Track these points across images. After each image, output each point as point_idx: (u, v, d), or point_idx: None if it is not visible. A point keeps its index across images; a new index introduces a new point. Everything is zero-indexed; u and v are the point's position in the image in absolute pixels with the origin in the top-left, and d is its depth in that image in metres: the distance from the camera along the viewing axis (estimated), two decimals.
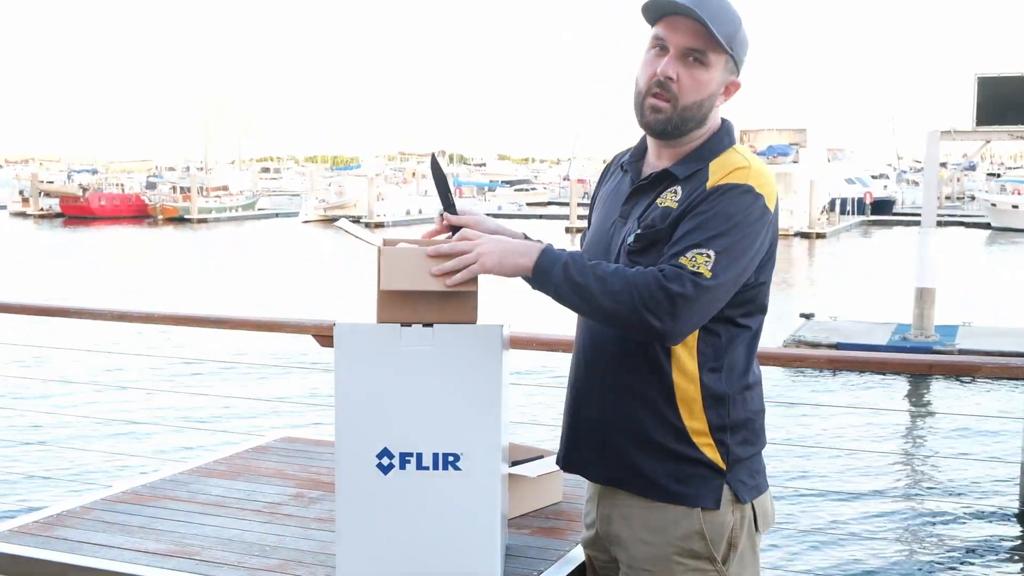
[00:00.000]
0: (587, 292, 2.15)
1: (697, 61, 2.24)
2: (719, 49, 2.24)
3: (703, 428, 2.25)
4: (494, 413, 2.53)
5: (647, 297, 2.09)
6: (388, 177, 67.34)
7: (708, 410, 2.25)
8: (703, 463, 2.25)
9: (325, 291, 27.34)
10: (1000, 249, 42.39)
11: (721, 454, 2.26)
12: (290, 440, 4.45)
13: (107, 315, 5.77)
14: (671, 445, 2.26)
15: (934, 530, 10.06)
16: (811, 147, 50.68)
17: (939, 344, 17.24)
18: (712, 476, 2.26)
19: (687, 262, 2.11)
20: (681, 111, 2.26)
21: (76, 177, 70.97)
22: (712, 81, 2.27)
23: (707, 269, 2.10)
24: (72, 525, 3.30)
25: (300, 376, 15.33)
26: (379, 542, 2.59)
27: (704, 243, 2.13)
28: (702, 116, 2.28)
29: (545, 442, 3.65)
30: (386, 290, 2.46)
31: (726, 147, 2.30)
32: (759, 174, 2.24)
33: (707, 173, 2.23)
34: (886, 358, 5.28)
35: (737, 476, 2.28)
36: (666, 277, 2.10)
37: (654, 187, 2.31)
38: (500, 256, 2.25)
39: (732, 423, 2.27)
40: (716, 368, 2.25)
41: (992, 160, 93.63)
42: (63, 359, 17.09)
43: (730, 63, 2.28)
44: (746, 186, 2.19)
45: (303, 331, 4.83)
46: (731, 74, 2.31)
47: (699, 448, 2.25)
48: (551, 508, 3.43)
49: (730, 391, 2.27)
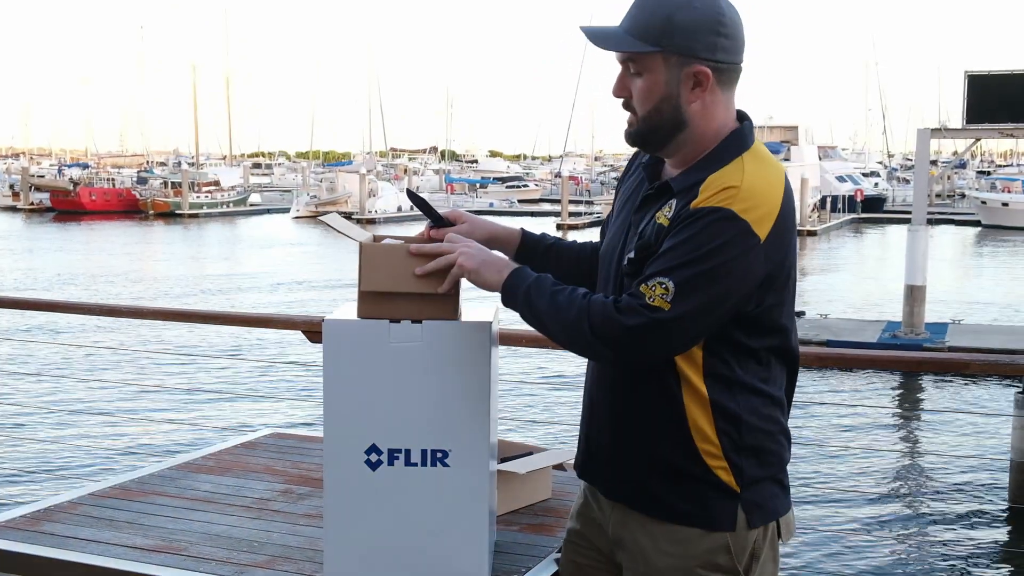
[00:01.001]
0: (545, 318, 2.18)
1: (635, 72, 2.19)
2: (647, 52, 2.14)
3: (716, 451, 2.19)
4: (483, 409, 2.52)
5: (599, 328, 2.09)
6: (380, 173, 67.25)
7: (720, 434, 2.19)
8: (717, 486, 2.20)
9: (315, 287, 27.32)
10: (990, 247, 42.48)
11: (735, 476, 2.20)
12: (279, 436, 4.45)
13: (96, 309, 5.77)
14: (685, 468, 2.21)
15: (923, 527, 10.08)
16: (802, 144, 50.72)
17: (929, 342, 17.27)
18: (726, 499, 2.20)
19: (646, 291, 2.07)
20: (643, 122, 2.20)
21: (67, 171, 70.78)
22: (657, 84, 2.16)
23: (664, 301, 2.04)
24: (59, 520, 3.29)
25: (289, 372, 15.32)
26: (367, 538, 2.59)
27: (667, 272, 2.06)
28: (673, 119, 2.18)
29: (534, 438, 3.65)
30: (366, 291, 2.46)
31: (733, 156, 2.16)
32: (750, 193, 2.08)
33: (698, 190, 2.11)
34: (876, 355, 5.30)
35: (752, 499, 2.22)
36: (619, 310, 2.07)
37: (658, 198, 2.23)
38: (478, 265, 2.28)
39: (746, 445, 2.21)
40: (728, 390, 2.19)
41: (982, 158, 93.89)
42: (51, 353, 17.05)
43: (675, 57, 2.14)
44: (727, 212, 2.06)
45: (292, 327, 4.84)
46: (685, 66, 2.14)
47: (712, 471, 2.20)
48: (540, 505, 3.43)
49: (743, 413, 2.20)
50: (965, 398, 15.28)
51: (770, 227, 2.09)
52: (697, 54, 2.14)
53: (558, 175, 71.29)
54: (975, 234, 47.81)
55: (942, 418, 14.10)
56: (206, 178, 63.52)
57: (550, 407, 13.58)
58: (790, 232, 2.17)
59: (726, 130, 2.20)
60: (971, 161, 77.05)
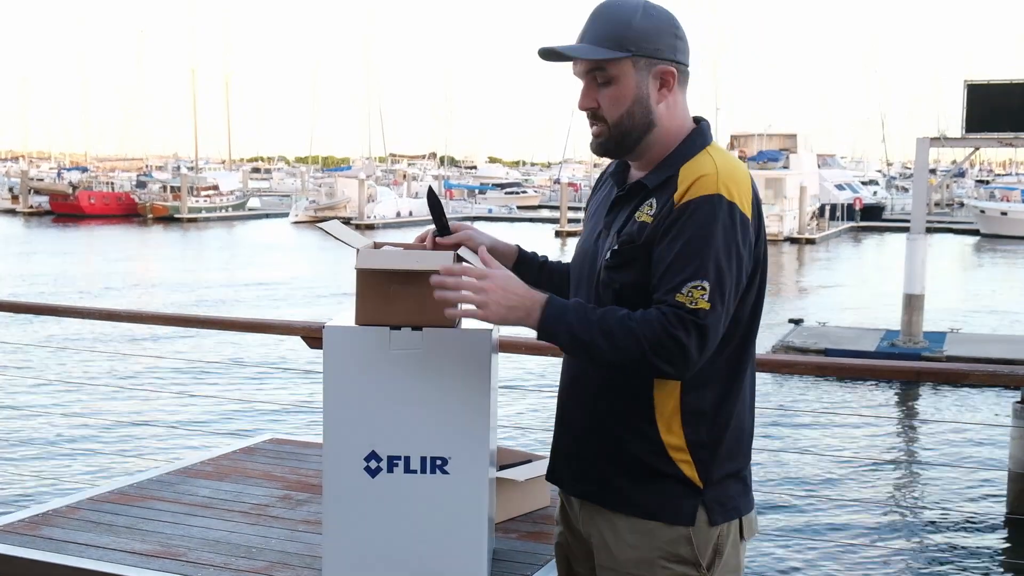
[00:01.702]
0: (595, 350, 2.14)
1: (603, 82, 2.23)
2: (615, 58, 2.20)
3: (680, 444, 2.22)
4: (482, 417, 2.53)
5: (656, 346, 2.09)
6: (379, 179, 67.26)
7: (686, 426, 2.22)
8: (679, 480, 2.23)
9: (314, 292, 27.32)
10: (989, 256, 42.51)
11: (699, 472, 2.23)
12: (278, 442, 4.45)
13: (95, 314, 5.77)
14: (648, 460, 2.23)
15: (922, 536, 10.08)
16: (801, 153, 50.76)
17: (927, 351, 17.28)
18: (688, 494, 2.23)
19: (684, 299, 2.09)
20: (614, 127, 2.24)
21: (66, 175, 70.79)
22: (627, 88, 2.21)
23: (705, 302, 2.09)
24: (58, 524, 3.29)
25: (289, 378, 15.31)
26: (366, 545, 2.59)
27: (694, 274, 2.10)
28: (643, 122, 2.23)
29: (533, 446, 3.65)
30: (362, 277, 2.46)
31: (698, 149, 2.23)
32: (728, 177, 2.16)
33: (676, 182, 2.18)
34: (874, 365, 5.30)
35: (715, 496, 2.25)
36: (670, 323, 2.09)
37: (631, 199, 2.28)
38: (505, 312, 2.20)
39: (711, 440, 2.24)
40: (697, 384, 2.22)
41: (981, 167, 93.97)
42: (50, 358, 17.04)
43: (642, 60, 2.20)
44: (716, 196, 2.13)
45: (292, 332, 4.83)
46: (652, 67, 2.21)
47: (676, 464, 2.22)
48: (539, 512, 3.43)
49: (709, 408, 2.23)
50: (963, 408, 15.28)
51: (751, 209, 2.19)
52: (662, 55, 2.22)
53: (557, 181, 71.36)
54: (974, 243, 47.86)
55: (940, 428, 14.09)
56: (205, 182, 63.55)
57: (549, 415, 13.57)
58: (762, 221, 2.25)
59: (685, 129, 2.28)
60: (970, 170, 77.10)
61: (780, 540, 9.20)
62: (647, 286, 2.17)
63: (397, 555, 2.58)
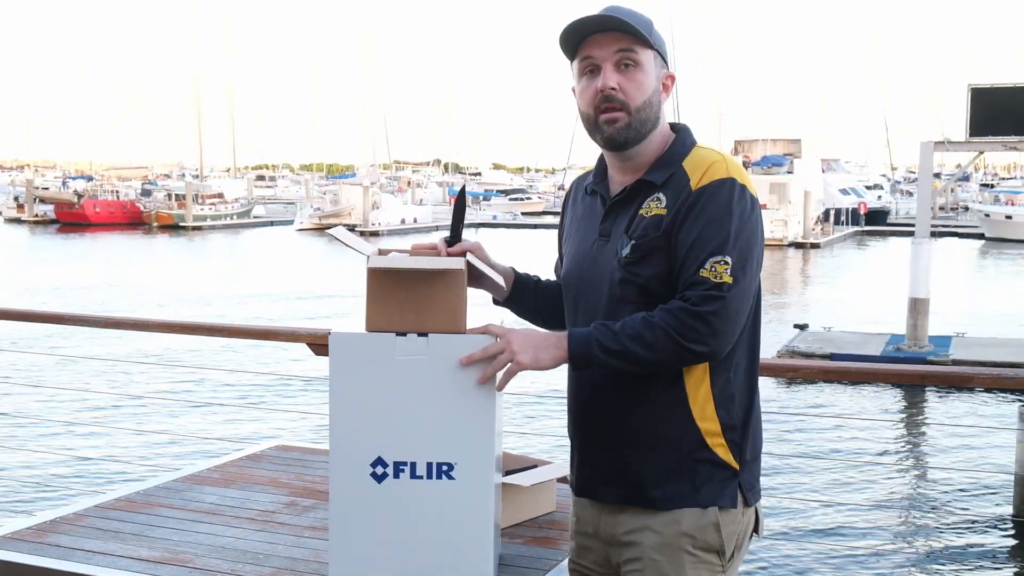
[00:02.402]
0: (631, 356, 2.19)
1: (631, 65, 2.29)
2: (646, 45, 2.30)
3: (716, 429, 2.27)
4: (488, 422, 2.53)
5: (685, 331, 2.15)
6: (383, 186, 67.31)
7: (719, 409, 2.27)
8: (717, 464, 2.27)
9: (320, 299, 27.33)
10: (994, 260, 42.45)
11: (734, 454, 2.28)
12: (284, 448, 4.46)
13: (101, 322, 5.78)
14: (685, 448, 2.26)
15: (928, 540, 10.07)
16: (805, 157, 50.75)
17: (933, 355, 17.24)
18: (727, 476, 2.28)
19: (709, 275, 2.16)
20: (636, 114, 2.30)
21: (71, 183, 70.91)
22: (649, 77, 2.31)
23: (728, 276, 2.16)
24: (65, 531, 3.30)
25: (295, 385, 15.32)
26: (372, 551, 2.59)
27: (718, 249, 2.17)
28: (655, 116, 2.32)
29: (539, 452, 3.65)
30: (373, 276, 2.47)
31: (691, 147, 2.33)
32: (734, 165, 2.27)
33: (685, 174, 2.26)
34: (879, 369, 5.30)
35: (747, 477, 2.31)
36: (694, 304, 2.15)
37: (632, 199, 2.32)
38: (535, 352, 2.28)
39: (741, 421, 2.30)
40: (726, 367, 2.27)
41: (986, 171, 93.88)
42: (57, 365, 17.06)
43: (658, 58, 2.34)
44: (729, 180, 2.23)
45: (298, 339, 4.84)
46: (662, 68, 2.35)
47: (712, 449, 2.27)
48: (544, 518, 3.44)
49: (736, 390, 2.29)
50: (969, 412, 15.26)
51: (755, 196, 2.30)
52: (667, 60, 2.38)
53: (561, 187, 71.40)
54: (979, 247, 47.79)
55: (946, 431, 14.08)
56: (210, 190, 63.65)
57: (555, 420, 13.56)
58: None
59: (669, 134, 2.38)
60: (974, 174, 77.04)
61: (785, 542, 9.19)
62: (671, 275, 2.22)
63: (403, 561, 2.59)
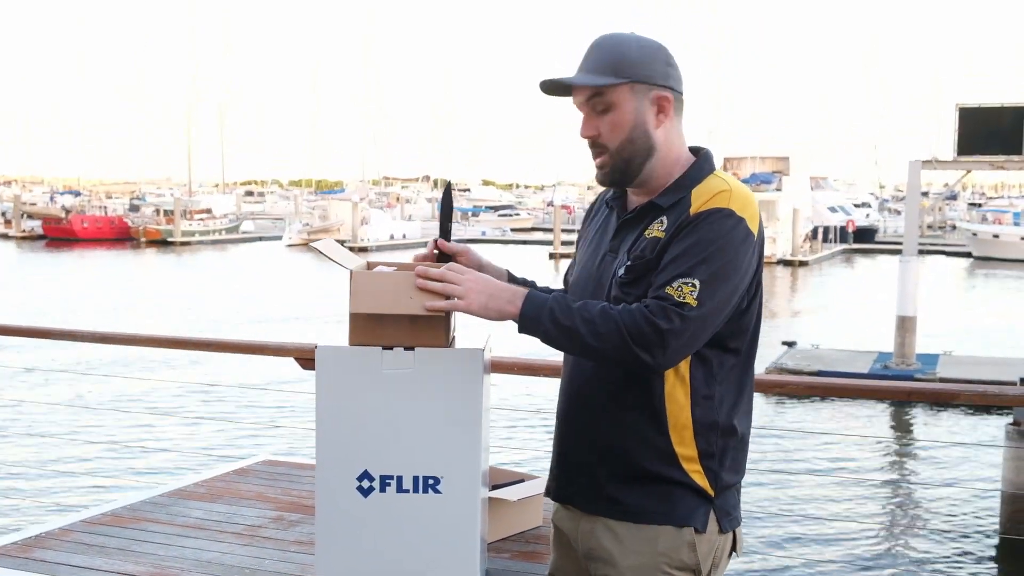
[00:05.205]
0: (575, 335, 2.18)
1: (602, 110, 2.29)
2: (613, 85, 2.26)
3: (692, 455, 2.26)
4: (474, 437, 2.53)
5: (635, 334, 2.13)
6: (372, 201, 67.31)
7: (698, 436, 2.26)
8: (692, 488, 2.27)
9: (308, 314, 27.29)
10: (981, 278, 42.62)
11: (709, 480, 2.27)
12: (271, 463, 4.45)
13: (90, 336, 5.77)
14: (661, 471, 2.26)
15: (914, 558, 10.07)
16: (794, 175, 50.91)
17: (920, 372, 17.30)
18: (700, 502, 2.27)
19: (673, 292, 2.15)
20: (617, 154, 2.30)
21: (59, 199, 70.77)
22: (626, 114, 2.28)
23: (692, 298, 2.14)
24: (51, 547, 3.29)
25: (281, 399, 15.29)
26: (358, 565, 2.59)
27: (688, 272, 2.15)
28: (646, 146, 2.30)
29: (525, 466, 3.65)
30: (356, 313, 2.47)
31: (707, 174, 2.30)
32: (740, 197, 2.24)
33: (689, 200, 2.24)
34: (866, 385, 5.32)
35: (722, 504, 2.30)
36: (652, 312, 2.13)
37: (641, 219, 2.33)
38: (487, 299, 2.27)
39: (721, 450, 2.29)
40: (708, 396, 2.27)
41: (973, 190, 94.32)
42: (43, 380, 17.00)
43: (639, 86, 2.27)
44: (727, 210, 2.21)
45: (285, 354, 4.84)
46: (647, 92, 2.28)
47: (688, 474, 2.27)
48: (531, 532, 3.44)
49: (719, 419, 2.28)
50: (956, 430, 15.30)
51: (758, 228, 2.27)
52: (657, 81, 2.29)
53: (550, 204, 71.51)
54: (966, 266, 47.98)
55: (933, 449, 14.12)
56: (198, 206, 63.55)
57: (541, 435, 13.56)
58: (763, 245, 2.32)
59: (685, 156, 2.35)
60: (962, 193, 77.39)
61: (771, 558, 9.19)
62: None
63: (389, 574, 2.59)
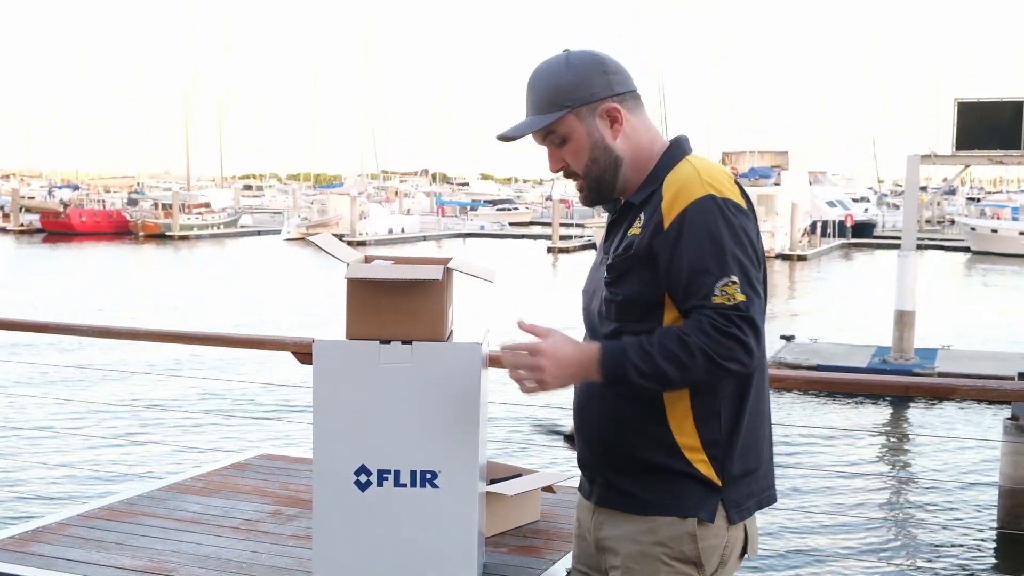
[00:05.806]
0: (664, 377, 2.17)
1: (559, 143, 2.33)
2: (559, 119, 2.30)
3: (695, 444, 2.25)
4: (472, 431, 2.53)
5: (722, 352, 2.13)
6: (371, 195, 67.25)
7: (700, 425, 2.25)
8: (697, 479, 2.25)
9: (305, 308, 27.28)
10: (980, 273, 42.61)
11: (716, 470, 2.25)
12: (268, 457, 4.45)
13: (90, 331, 5.77)
14: (664, 462, 2.26)
15: (912, 552, 10.08)
16: (792, 170, 50.88)
17: (918, 367, 17.29)
18: (707, 492, 2.26)
19: (722, 299, 2.14)
20: (587, 177, 2.35)
21: (57, 193, 70.70)
22: (582, 139, 2.32)
23: (740, 294, 2.14)
24: (48, 541, 3.29)
25: (281, 393, 15.29)
26: (356, 559, 2.59)
27: (721, 273, 2.15)
28: (611, 159, 2.32)
29: (523, 460, 3.64)
30: (352, 287, 2.46)
31: (678, 160, 2.29)
32: (709, 175, 2.23)
33: (661, 192, 2.24)
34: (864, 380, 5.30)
35: (732, 495, 2.27)
36: (722, 324, 2.13)
37: (623, 220, 2.35)
38: (566, 380, 2.25)
39: (725, 437, 2.26)
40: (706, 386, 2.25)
41: (972, 184, 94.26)
42: (40, 374, 16.99)
43: (583, 109, 2.30)
44: (705, 198, 2.19)
45: (283, 348, 4.83)
46: (594, 111, 2.30)
47: (692, 464, 2.25)
48: (529, 526, 3.44)
49: (721, 405, 2.26)
50: (954, 424, 15.30)
51: (743, 201, 2.25)
52: (599, 96, 2.31)
53: (549, 198, 71.48)
54: (964, 260, 47.97)
55: (931, 444, 14.11)
56: (197, 200, 63.48)
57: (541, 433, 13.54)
58: (755, 214, 2.30)
59: (657, 148, 2.35)
60: (960, 188, 77.35)
61: (770, 554, 9.19)
62: (645, 297, 2.23)
63: (387, 569, 2.59)
